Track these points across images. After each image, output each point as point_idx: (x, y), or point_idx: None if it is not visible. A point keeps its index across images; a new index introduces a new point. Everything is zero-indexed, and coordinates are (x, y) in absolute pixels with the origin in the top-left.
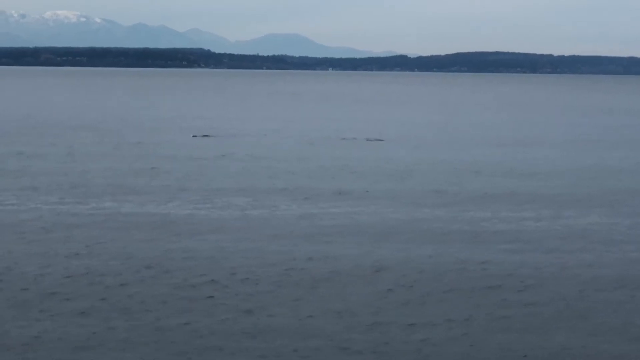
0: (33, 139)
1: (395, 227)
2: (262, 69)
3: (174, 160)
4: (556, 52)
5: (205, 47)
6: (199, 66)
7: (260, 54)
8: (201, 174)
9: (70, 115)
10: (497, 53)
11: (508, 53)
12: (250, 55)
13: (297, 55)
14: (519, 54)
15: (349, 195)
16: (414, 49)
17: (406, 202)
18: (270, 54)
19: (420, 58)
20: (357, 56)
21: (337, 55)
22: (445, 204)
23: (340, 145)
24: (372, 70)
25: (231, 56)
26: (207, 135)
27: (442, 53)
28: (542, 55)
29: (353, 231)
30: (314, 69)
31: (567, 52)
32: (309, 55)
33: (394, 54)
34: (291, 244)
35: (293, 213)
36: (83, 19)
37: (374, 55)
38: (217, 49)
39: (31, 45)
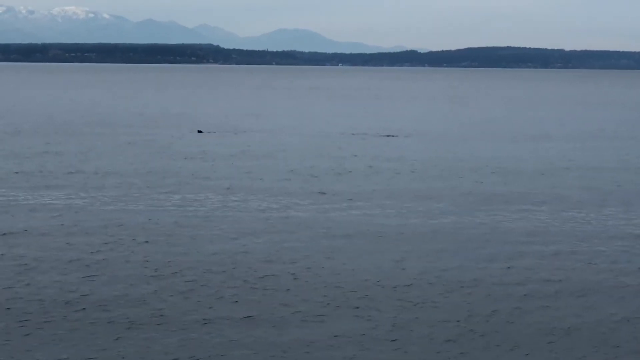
0: (55, 137)
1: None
2: (272, 64)
3: (190, 157)
4: (567, 47)
5: (215, 43)
6: (208, 62)
7: (270, 49)
8: (214, 171)
9: (89, 111)
10: (508, 48)
11: (519, 48)
12: (259, 51)
13: (306, 50)
14: (530, 48)
15: (370, 194)
16: (424, 44)
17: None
18: (280, 49)
19: (430, 53)
20: (367, 51)
21: (347, 51)
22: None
23: (355, 141)
24: (382, 65)
25: (240, 52)
26: (211, 132)
27: (453, 48)
28: (553, 50)
29: (373, 233)
30: (324, 65)
31: (578, 47)
32: (319, 50)
33: (404, 49)
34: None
35: (310, 211)
36: (91, 15)
37: (384, 51)
38: (226, 44)
39: (40, 42)
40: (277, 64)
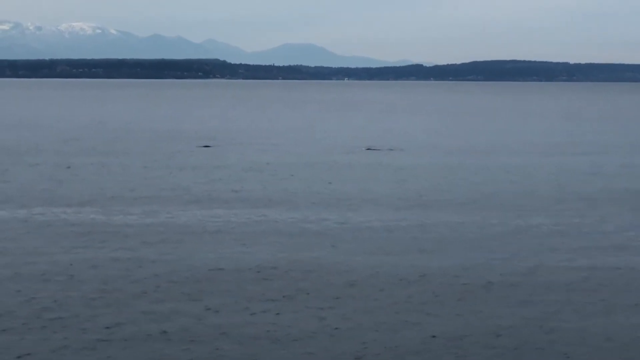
0: (78, 150)
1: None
2: (278, 79)
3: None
4: (572, 60)
5: (221, 58)
6: (215, 77)
7: (276, 64)
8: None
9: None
10: (513, 61)
11: (524, 61)
12: (265, 66)
13: (312, 65)
14: (534, 62)
15: (389, 205)
16: (429, 58)
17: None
18: (286, 64)
19: (436, 67)
20: (373, 65)
21: (352, 65)
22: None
23: (363, 156)
24: (387, 79)
25: (247, 66)
26: (208, 146)
27: (458, 62)
28: (558, 63)
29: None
30: (330, 79)
31: (583, 60)
32: (325, 65)
33: (410, 63)
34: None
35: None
36: (99, 31)
37: (389, 65)
38: (232, 59)
39: (47, 57)
40: (283, 78)
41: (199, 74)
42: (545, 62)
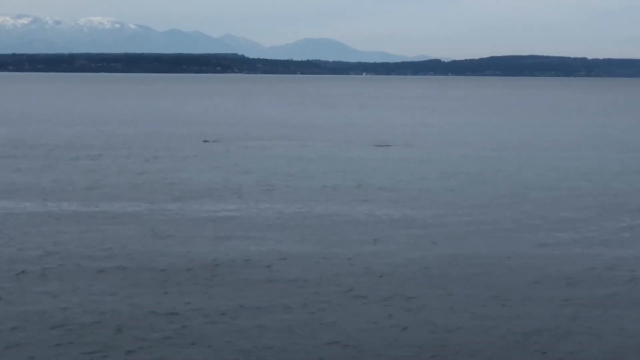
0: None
1: None
2: (296, 73)
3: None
4: (590, 56)
5: (239, 53)
6: (233, 71)
7: (294, 59)
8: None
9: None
10: (531, 57)
11: (542, 57)
12: (284, 60)
13: (330, 60)
14: (553, 57)
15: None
16: (447, 53)
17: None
18: (304, 58)
19: (454, 62)
20: (391, 60)
21: (370, 60)
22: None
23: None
24: (405, 74)
25: (265, 61)
26: (215, 141)
27: (476, 57)
28: (576, 59)
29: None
30: (348, 74)
31: (601, 56)
32: (343, 60)
33: (428, 58)
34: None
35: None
36: (117, 25)
37: (407, 60)
38: (251, 54)
39: (66, 52)
40: (301, 73)
41: (217, 68)
42: (564, 58)
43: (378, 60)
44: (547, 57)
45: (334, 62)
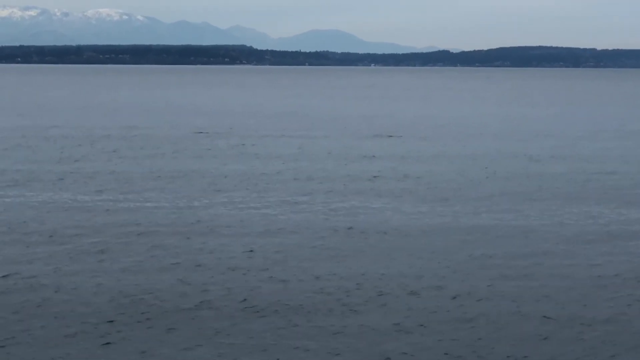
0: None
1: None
2: (305, 65)
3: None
4: (599, 46)
5: (248, 44)
6: (241, 63)
7: (303, 50)
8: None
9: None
10: (539, 47)
11: (551, 47)
12: (292, 52)
13: (339, 51)
14: (561, 48)
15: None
16: (456, 44)
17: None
18: (313, 50)
19: (462, 53)
20: (400, 52)
21: (379, 51)
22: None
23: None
24: (414, 65)
25: (273, 52)
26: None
27: (485, 48)
28: (585, 49)
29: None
30: (356, 65)
31: (610, 46)
32: (351, 51)
33: (437, 49)
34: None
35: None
36: (125, 17)
37: (416, 51)
38: (259, 45)
39: (74, 43)
40: (310, 64)
41: (225, 60)
42: (572, 48)
43: (387, 51)
44: (556, 48)
45: (343, 54)
